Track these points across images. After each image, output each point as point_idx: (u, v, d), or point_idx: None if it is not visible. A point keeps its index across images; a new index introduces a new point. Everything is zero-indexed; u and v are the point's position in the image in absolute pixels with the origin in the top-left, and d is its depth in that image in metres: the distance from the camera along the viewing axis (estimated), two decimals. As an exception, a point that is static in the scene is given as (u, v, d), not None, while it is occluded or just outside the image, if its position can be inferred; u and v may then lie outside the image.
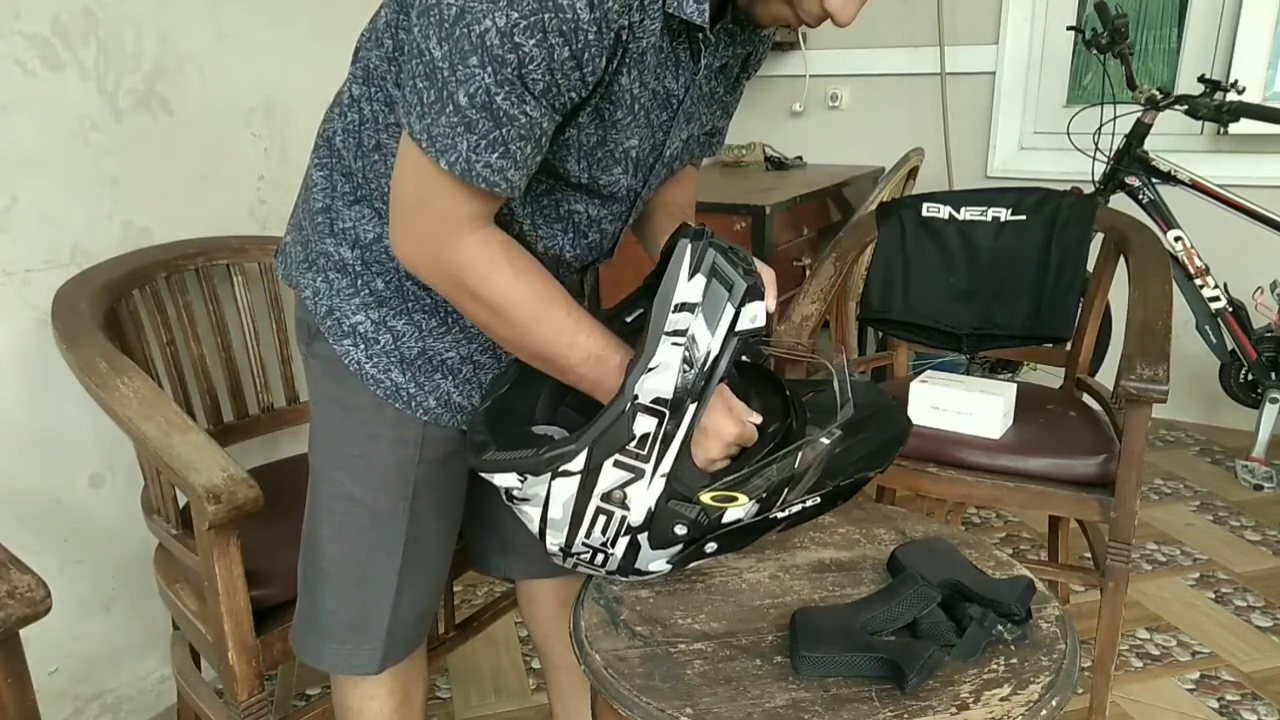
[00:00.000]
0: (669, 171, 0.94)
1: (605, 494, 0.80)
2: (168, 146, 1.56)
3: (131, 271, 1.41)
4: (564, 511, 0.81)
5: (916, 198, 1.84)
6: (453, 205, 0.77)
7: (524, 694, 1.73)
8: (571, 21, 0.68)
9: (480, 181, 0.75)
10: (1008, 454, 1.52)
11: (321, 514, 1.01)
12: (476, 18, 0.68)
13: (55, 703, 1.52)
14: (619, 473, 0.79)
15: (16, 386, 1.41)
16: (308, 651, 1.05)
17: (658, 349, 0.77)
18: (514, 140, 0.73)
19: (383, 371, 0.95)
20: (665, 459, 0.79)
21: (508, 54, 0.68)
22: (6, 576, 0.78)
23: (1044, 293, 1.74)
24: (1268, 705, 1.66)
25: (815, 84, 3.25)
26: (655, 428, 0.78)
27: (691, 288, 0.77)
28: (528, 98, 0.71)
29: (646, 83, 0.79)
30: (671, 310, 0.77)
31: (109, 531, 1.55)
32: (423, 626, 1.08)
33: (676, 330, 0.77)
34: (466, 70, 0.69)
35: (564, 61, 0.70)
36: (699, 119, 0.91)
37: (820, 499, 0.84)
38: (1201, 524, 2.33)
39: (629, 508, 0.81)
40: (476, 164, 0.74)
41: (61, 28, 1.40)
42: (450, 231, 0.79)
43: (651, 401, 0.77)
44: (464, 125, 0.72)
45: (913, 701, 0.73)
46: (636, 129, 0.82)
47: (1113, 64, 2.44)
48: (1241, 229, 2.43)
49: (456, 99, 0.71)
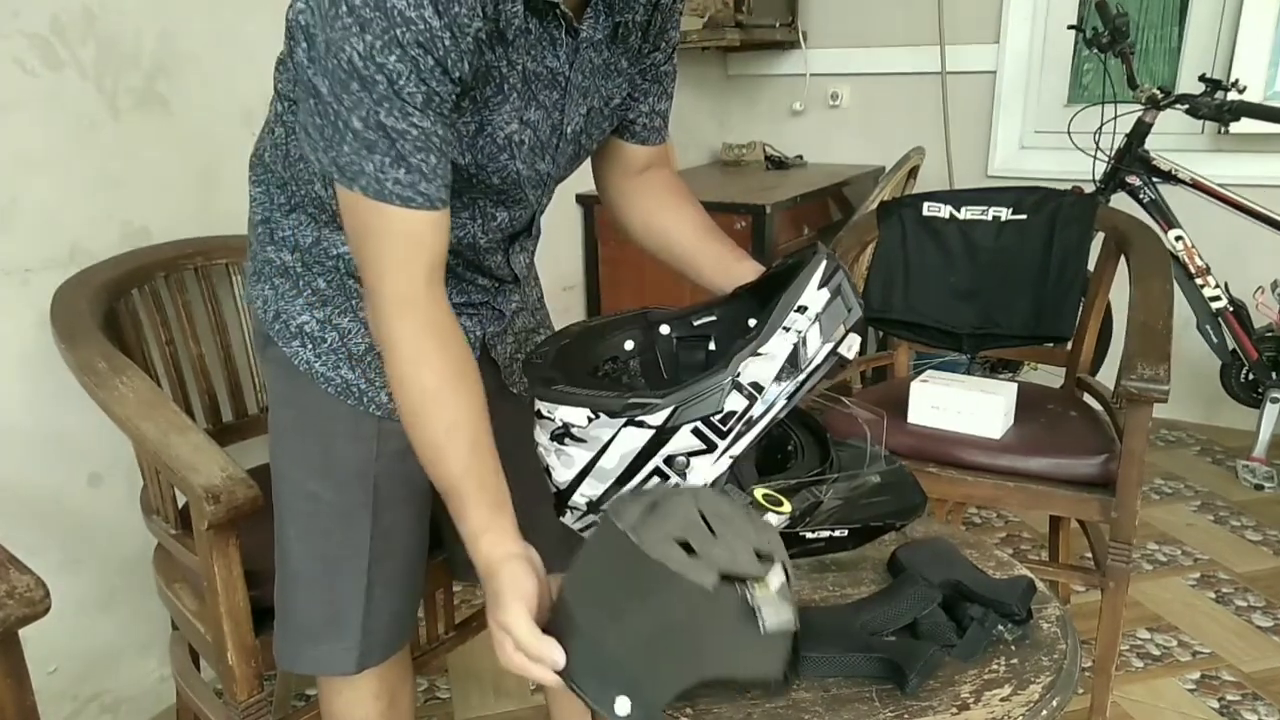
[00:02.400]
0: (578, 149, 0.95)
1: (670, 457, 0.80)
2: (167, 146, 1.56)
3: (130, 271, 1.41)
4: (619, 463, 0.81)
5: (917, 197, 1.84)
6: (386, 238, 0.79)
7: (524, 694, 1.73)
8: (425, 32, 0.71)
9: (395, 199, 0.77)
10: (1008, 454, 1.52)
11: (287, 514, 1.02)
12: (340, 47, 0.72)
13: (54, 703, 1.52)
14: (693, 440, 0.80)
15: (16, 386, 1.41)
16: (284, 656, 1.06)
17: (772, 338, 0.80)
18: (411, 154, 0.76)
19: (332, 369, 0.96)
20: (740, 442, 0.81)
21: (375, 75, 0.72)
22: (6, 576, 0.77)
23: (1045, 292, 1.73)
24: (1268, 705, 1.66)
25: (815, 83, 3.25)
26: (743, 409, 0.79)
27: (818, 297, 0.82)
28: (410, 110, 0.74)
29: (516, 63, 0.81)
30: (795, 309, 0.81)
31: (108, 531, 1.55)
32: (401, 625, 1.07)
33: (794, 329, 0.80)
34: (351, 98, 0.73)
35: (432, 70, 0.73)
36: (598, 93, 0.92)
37: (847, 533, 0.87)
38: (1202, 524, 2.33)
39: (686, 476, 0.81)
40: (386, 182, 0.76)
41: (61, 27, 1.39)
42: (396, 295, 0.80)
43: (749, 384, 0.79)
44: (365, 148, 0.75)
45: (913, 702, 0.73)
46: (515, 112, 0.84)
47: (1113, 63, 2.43)
48: (1242, 228, 2.43)
49: (351, 125, 0.74)
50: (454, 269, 0.97)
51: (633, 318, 0.98)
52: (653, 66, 0.99)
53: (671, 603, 0.66)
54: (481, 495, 0.78)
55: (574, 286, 2.68)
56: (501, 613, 0.72)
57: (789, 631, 0.69)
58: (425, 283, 0.80)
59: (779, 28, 3.04)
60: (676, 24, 0.99)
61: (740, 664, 0.70)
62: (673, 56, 1.02)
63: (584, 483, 0.83)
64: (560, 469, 0.84)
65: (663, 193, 1.08)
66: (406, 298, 0.80)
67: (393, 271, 0.80)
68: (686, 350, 0.97)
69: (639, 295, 2.55)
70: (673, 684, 0.68)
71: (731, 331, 0.96)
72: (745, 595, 0.66)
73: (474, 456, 0.79)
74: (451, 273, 0.97)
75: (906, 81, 3.11)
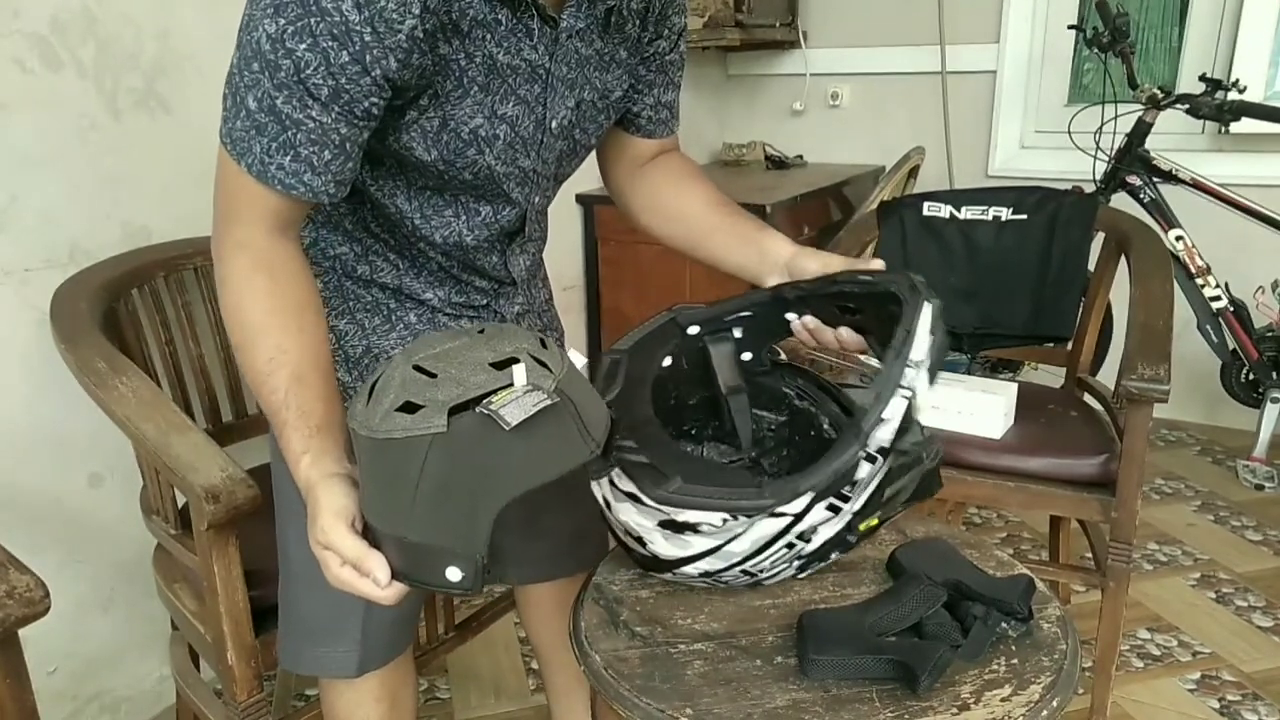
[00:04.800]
0: (572, 145, 0.93)
1: (801, 532, 0.79)
2: (167, 146, 1.56)
3: (130, 271, 1.41)
4: (751, 545, 0.79)
5: (917, 197, 1.84)
6: (250, 203, 0.78)
7: (524, 694, 1.73)
8: (340, 25, 0.70)
9: (276, 184, 0.76)
10: (1009, 454, 1.52)
11: (287, 515, 1.01)
12: (255, 24, 0.71)
13: (54, 703, 1.52)
14: (824, 513, 0.78)
15: (15, 386, 1.41)
16: (287, 655, 1.05)
17: (891, 402, 0.76)
18: (304, 145, 0.75)
19: None
20: (859, 499, 0.79)
21: (281, 59, 0.71)
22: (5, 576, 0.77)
23: (1045, 292, 1.73)
24: (1269, 705, 1.65)
25: (816, 83, 3.25)
26: (867, 474, 0.78)
27: (926, 345, 0.78)
28: (310, 102, 0.73)
29: (475, 55, 0.79)
30: (909, 366, 0.78)
31: (108, 531, 1.55)
32: (402, 628, 1.07)
33: (908, 385, 0.77)
34: (251, 76, 0.73)
35: (345, 65, 0.72)
36: (589, 85, 0.89)
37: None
38: (1202, 524, 2.33)
39: (810, 540, 0.80)
40: (270, 166, 0.75)
41: (60, 27, 1.39)
42: (238, 237, 0.79)
43: (875, 450, 0.77)
44: (255, 128, 0.74)
45: (913, 702, 0.72)
46: (478, 107, 0.81)
47: (1114, 63, 2.43)
48: (1242, 228, 2.43)
49: (246, 103, 0.74)
50: (450, 270, 0.96)
51: (664, 327, 0.94)
52: (656, 56, 0.95)
53: (424, 463, 0.64)
54: (301, 421, 0.76)
55: (574, 286, 2.68)
56: (320, 531, 0.70)
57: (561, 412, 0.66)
58: (267, 233, 0.80)
59: (779, 27, 3.04)
60: (680, 9, 0.96)
61: (536, 470, 0.67)
62: (679, 45, 0.98)
63: (704, 560, 0.80)
64: (669, 549, 0.80)
65: (669, 174, 1.04)
66: (243, 242, 0.80)
67: (242, 224, 0.79)
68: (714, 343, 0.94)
69: (639, 295, 2.55)
70: (479, 529, 0.67)
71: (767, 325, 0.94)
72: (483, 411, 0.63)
73: (297, 386, 0.77)
74: (449, 274, 0.97)
75: (906, 81, 3.11)
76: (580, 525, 1.17)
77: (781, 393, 0.96)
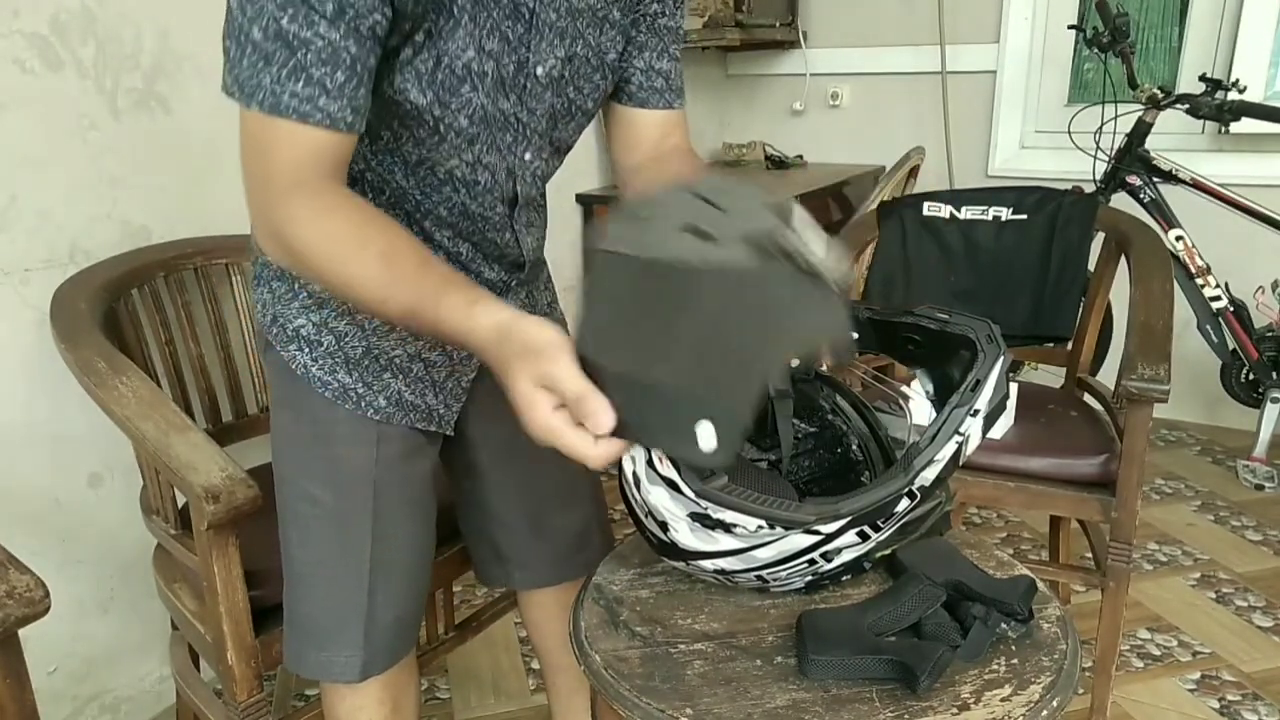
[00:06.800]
0: (567, 103, 0.90)
1: (826, 551, 0.79)
2: (167, 146, 1.56)
3: (130, 271, 1.41)
4: (775, 555, 0.79)
5: (917, 197, 1.84)
6: (276, 156, 0.75)
7: (524, 694, 1.73)
8: None
9: (291, 113, 0.72)
10: (1009, 454, 1.52)
11: (288, 517, 1.01)
12: None
13: (54, 703, 1.52)
14: (853, 538, 0.79)
15: (15, 386, 1.41)
16: (291, 657, 1.05)
17: (946, 445, 0.77)
18: (314, 65, 0.72)
19: (329, 373, 0.96)
20: (889, 530, 0.80)
21: None
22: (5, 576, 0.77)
23: (1045, 292, 1.73)
24: (1269, 705, 1.65)
25: (815, 83, 3.25)
26: (904, 509, 0.79)
27: (987, 397, 0.79)
28: (316, 19, 0.70)
29: None
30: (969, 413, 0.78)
31: (108, 531, 1.55)
32: (405, 633, 1.06)
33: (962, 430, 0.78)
34: (254, 8, 0.70)
35: None
36: (582, 38, 0.87)
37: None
38: (1202, 524, 2.33)
39: (831, 560, 0.81)
40: (283, 95, 0.72)
41: (60, 27, 1.39)
42: (282, 186, 0.75)
43: (917, 487, 0.78)
44: (263, 60, 0.71)
45: (913, 702, 0.72)
46: (469, 37, 0.79)
47: (1114, 63, 2.43)
48: (1243, 228, 2.43)
49: (252, 36, 0.71)
50: (458, 257, 0.95)
51: None
52: (648, 16, 0.94)
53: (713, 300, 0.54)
54: (450, 285, 0.71)
55: (574, 287, 2.67)
56: (544, 363, 0.61)
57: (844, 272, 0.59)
58: (305, 185, 0.75)
59: (779, 27, 3.04)
60: None
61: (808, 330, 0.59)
62: (677, 13, 0.96)
63: (725, 559, 0.80)
64: (693, 541, 0.79)
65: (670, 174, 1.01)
66: (290, 186, 0.74)
67: (273, 187, 0.75)
68: None
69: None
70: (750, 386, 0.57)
71: None
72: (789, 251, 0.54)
73: (425, 267, 0.73)
74: (457, 261, 0.95)
75: (906, 81, 3.11)
76: (583, 526, 1.17)
77: (817, 404, 0.96)
